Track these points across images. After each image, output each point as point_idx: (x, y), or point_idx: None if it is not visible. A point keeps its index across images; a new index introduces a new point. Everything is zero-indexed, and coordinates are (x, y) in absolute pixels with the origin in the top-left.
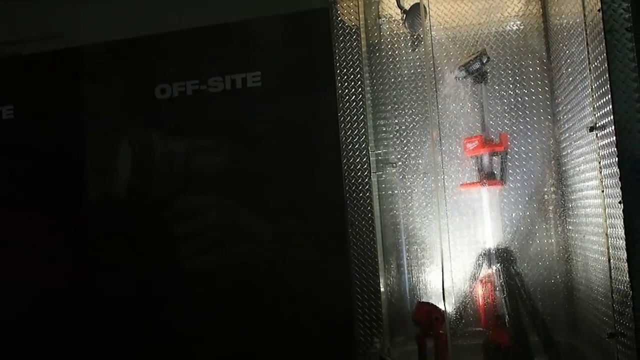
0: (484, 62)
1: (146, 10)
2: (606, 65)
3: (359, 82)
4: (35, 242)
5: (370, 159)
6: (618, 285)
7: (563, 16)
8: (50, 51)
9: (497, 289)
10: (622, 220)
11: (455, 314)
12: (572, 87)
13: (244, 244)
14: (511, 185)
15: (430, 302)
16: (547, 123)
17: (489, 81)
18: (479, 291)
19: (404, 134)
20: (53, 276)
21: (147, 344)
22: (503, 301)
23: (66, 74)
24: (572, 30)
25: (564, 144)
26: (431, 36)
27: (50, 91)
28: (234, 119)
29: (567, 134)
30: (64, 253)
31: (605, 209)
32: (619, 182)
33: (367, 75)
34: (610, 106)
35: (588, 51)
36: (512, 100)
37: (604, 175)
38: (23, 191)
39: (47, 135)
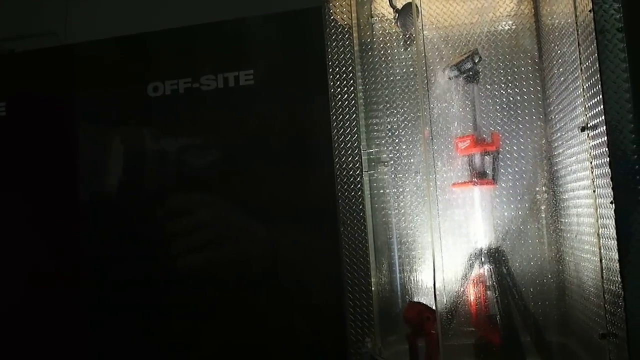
0: (476, 61)
1: (139, 8)
2: (597, 65)
3: (351, 81)
4: (28, 239)
5: (362, 158)
6: (610, 285)
7: (555, 16)
8: (43, 48)
9: (489, 288)
10: (614, 220)
11: (447, 313)
12: (563, 87)
13: (235, 243)
14: (503, 184)
15: (421, 301)
16: (538, 123)
17: (480, 81)
18: (471, 291)
19: (396, 133)
20: (45, 273)
21: (141, 340)
22: (494, 301)
23: (59, 71)
24: (563, 31)
25: (556, 144)
26: (423, 35)
27: (43, 88)
28: (227, 117)
29: (558, 134)
30: (56, 250)
31: (597, 209)
32: (611, 182)
33: (359, 74)
34: (602, 106)
35: (579, 51)
36: (504, 99)
37: (596, 175)
38: (15, 188)
39: (39, 132)
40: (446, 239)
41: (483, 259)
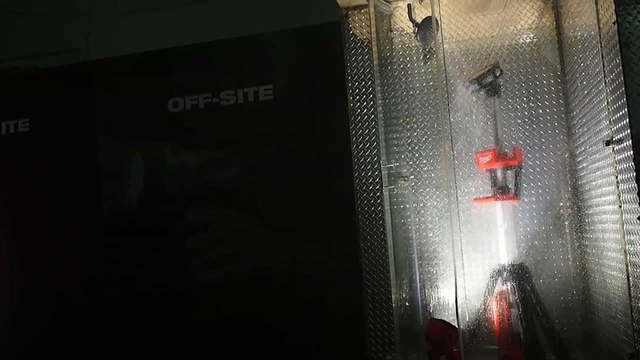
0: (497, 75)
1: (159, 24)
2: (622, 78)
3: (371, 96)
4: (49, 252)
5: (382, 172)
6: (638, 303)
7: (577, 29)
8: (65, 65)
9: (512, 305)
10: None
11: (469, 331)
12: (587, 100)
13: (254, 258)
14: (526, 199)
15: (443, 318)
16: (561, 136)
17: (502, 94)
18: (494, 308)
19: (416, 147)
20: (67, 285)
21: (159, 352)
22: (518, 318)
23: (81, 87)
24: (586, 43)
25: (580, 158)
26: (443, 49)
27: (65, 104)
28: (246, 132)
29: (582, 148)
30: (78, 263)
31: (623, 225)
32: (637, 198)
33: (379, 88)
34: (627, 120)
35: (603, 64)
36: (526, 113)
37: (622, 190)
38: (38, 202)
39: (61, 147)
40: (468, 254)
41: (506, 276)
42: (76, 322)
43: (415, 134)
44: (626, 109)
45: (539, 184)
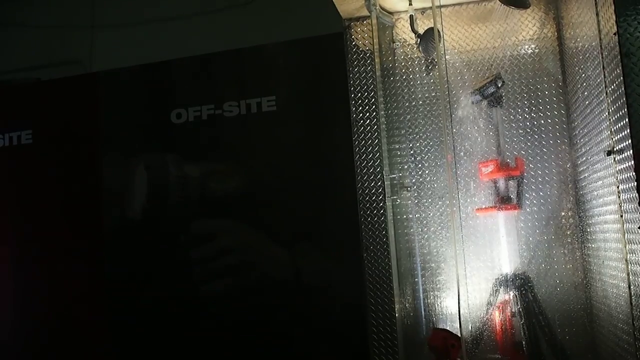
0: (499, 85)
1: (162, 36)
2: (623, 88)
3: (374, 106)
4: (53, 264)
5: (385, 183)
6: (639, 312)
7: (578, 39)
8: (68, 77)
9: (515, 315)
10: None
11: (472, 340)
12: (588, 111)
13: (258, 269)
14: (528, 209)
15: (446, 328)
16: (563, 147)
17: (504, 105)
18: (496, 317)
19: (419, 157)
20: (70, 299)
21: None
22: (521, 327)
23: (84, 99)
24: (587, 54)
25: (581, 168)
26: (445, 60)
27: (68, 116)
28: (249, 143)
29: (584, 158)
30: (82, 276)
31: (624, 234)
32: (638, 207)
33: (382, 99)
34: (628, 130)
35: (604, 74)
36: (528, 123)
37: (623, 199)
38: (41, 214)
39: (64, 159)
40: (471, 264)
41: (508, 285)
42: (82, 334)
43: (417, 144)
44: (627, 119)
45: (541, 193)
